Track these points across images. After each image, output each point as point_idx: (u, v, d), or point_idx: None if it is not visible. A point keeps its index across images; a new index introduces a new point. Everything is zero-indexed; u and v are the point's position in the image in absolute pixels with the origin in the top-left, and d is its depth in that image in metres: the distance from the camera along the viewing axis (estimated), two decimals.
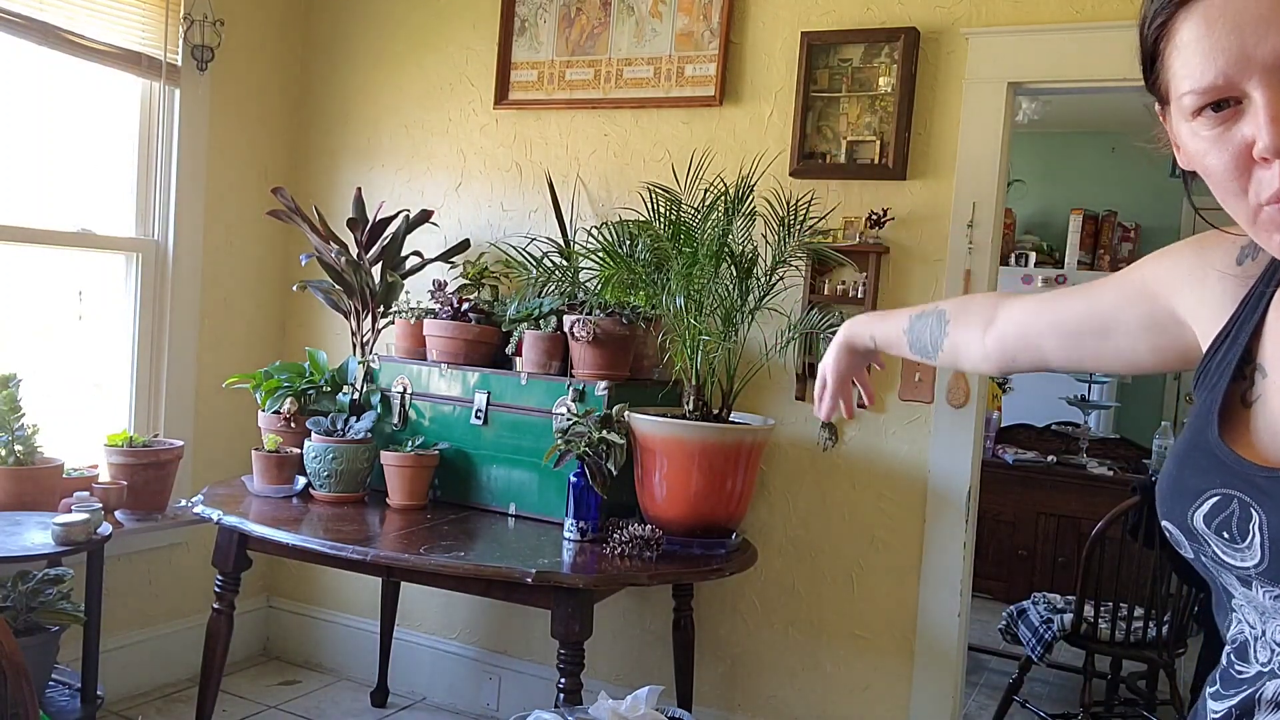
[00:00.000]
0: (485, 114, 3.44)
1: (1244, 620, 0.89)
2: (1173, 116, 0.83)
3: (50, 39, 2.94)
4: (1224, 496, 0.84)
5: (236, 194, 3.57)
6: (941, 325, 1.31)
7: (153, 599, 3.42)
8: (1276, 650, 0.85)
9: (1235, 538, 0.83)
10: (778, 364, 2.92)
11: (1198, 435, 0.89)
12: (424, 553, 2.43)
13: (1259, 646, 0.87)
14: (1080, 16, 2.66)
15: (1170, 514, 0.89)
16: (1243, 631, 0.89)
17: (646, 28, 3.17)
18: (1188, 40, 0.77)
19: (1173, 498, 0.89)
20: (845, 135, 2.90)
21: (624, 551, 2.48)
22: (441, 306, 3.04)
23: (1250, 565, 0.82)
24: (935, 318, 1.32)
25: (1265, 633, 0.86)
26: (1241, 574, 0.84)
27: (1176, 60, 0.79)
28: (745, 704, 3.11)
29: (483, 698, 3.44)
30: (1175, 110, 0.81)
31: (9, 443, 2.76)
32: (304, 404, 3.09)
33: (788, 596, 3.04)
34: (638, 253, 2.74)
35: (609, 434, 2.55)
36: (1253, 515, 0.81)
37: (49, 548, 2.47)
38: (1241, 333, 0.90)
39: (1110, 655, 3.41)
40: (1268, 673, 0.86)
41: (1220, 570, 0.87)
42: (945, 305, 1.32)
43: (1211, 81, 0.75)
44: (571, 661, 2.39)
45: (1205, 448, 0.87)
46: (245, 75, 3.56)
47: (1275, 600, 0.83)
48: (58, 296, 3.21)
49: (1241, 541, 0.82)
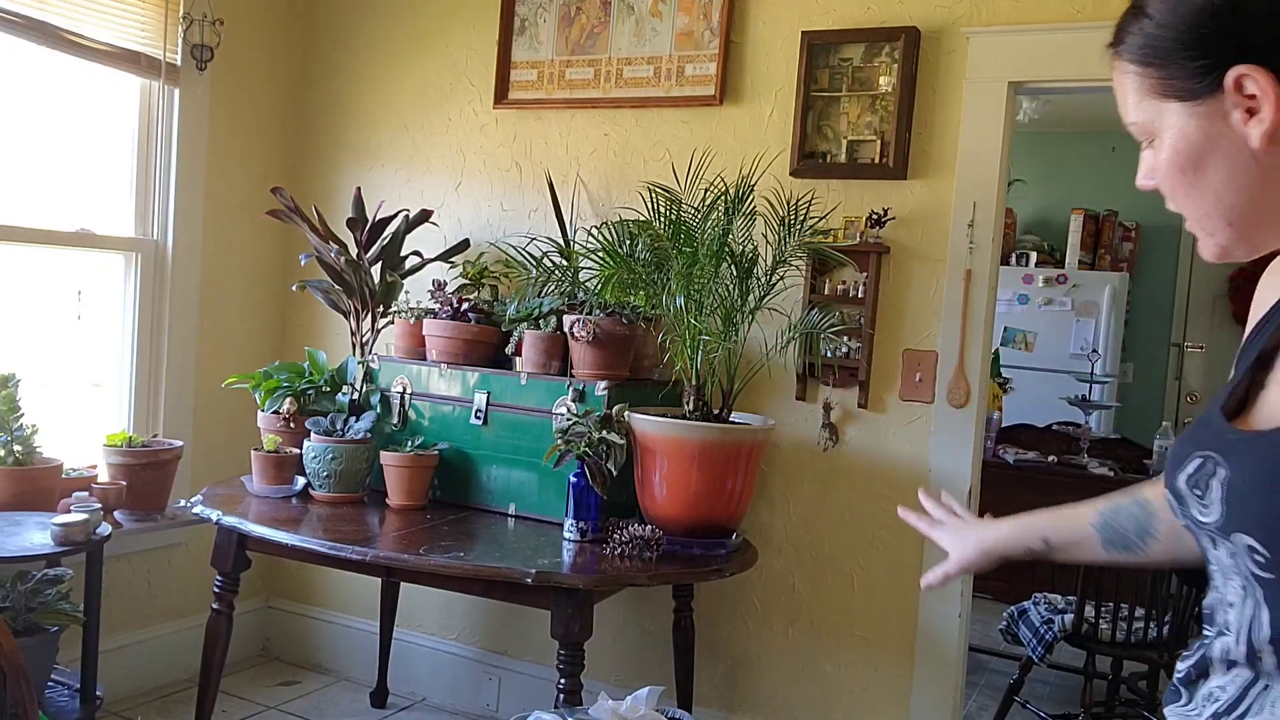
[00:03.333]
0: (485, 113, 3.44)
1: (1215, 586, 0.93)
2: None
3: (50, 39, 2.94)
4: (1203, 459, 0.89)
5: (236, 194, 3.57)
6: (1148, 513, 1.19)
7: (152, 599, 3.42)
8: (1229, 609, 0.90)
9: (1203, 494, 0.88)
10: (778, 364, 2.92)
11: (1209, 410, 0.93)
12: (424, 553, 2.42)
13: (1221, 609, 0.92)
14: (1080, 16, 2.66)
15: (1168, 480, 0.95)
16: (1213, 597, 0.93)
17: (646, 27, 3.16)
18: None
19: (1170, 465, 0.95)
20: (846, 135, 2.89)
21: (624, 552, 2.48)
22: (441, 306, 3.04)
23: (1212, 521, 0.87)
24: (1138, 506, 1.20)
25: (1225, 596, 0.91)
26: (1209, 533, 0.89)
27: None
28: (745, 704, 3.11)
29: (483, 698, 3.44)
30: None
31: (8, 443, 2.76)
32: (303, 404, 3.09)
33: (788, 597, 3.04)
34: (638, 253, 2.74)
35: (609, 434, 2.54)
36: (1218, 471, 0.87)
37: (48, 548, 2.46)
38: (1271, 323, 0.94)
39: (1111, 656, 3.41)
40: (1215, 632, 0.92)
41: (1199, 534, 0.92)
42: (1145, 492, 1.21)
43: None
44: (571, 662, 2.39)
45: (1207, 420, 0.93)
46: (245, 75, 3.56)
47: (1233, 558, 0.87)
48: (57, 296, 3.20)
49: (1206, 497, 0.88)
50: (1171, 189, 0.92)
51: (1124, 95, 0.94)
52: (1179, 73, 0.88)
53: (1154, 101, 0.91)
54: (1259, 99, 0.84)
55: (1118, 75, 0.95)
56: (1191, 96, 0.87)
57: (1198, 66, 0.86)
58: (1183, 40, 0.87)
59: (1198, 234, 0.94)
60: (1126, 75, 0.93)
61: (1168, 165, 0.91)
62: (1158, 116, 0.91)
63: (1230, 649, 0.89)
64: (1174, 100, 0.89)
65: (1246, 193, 0.88)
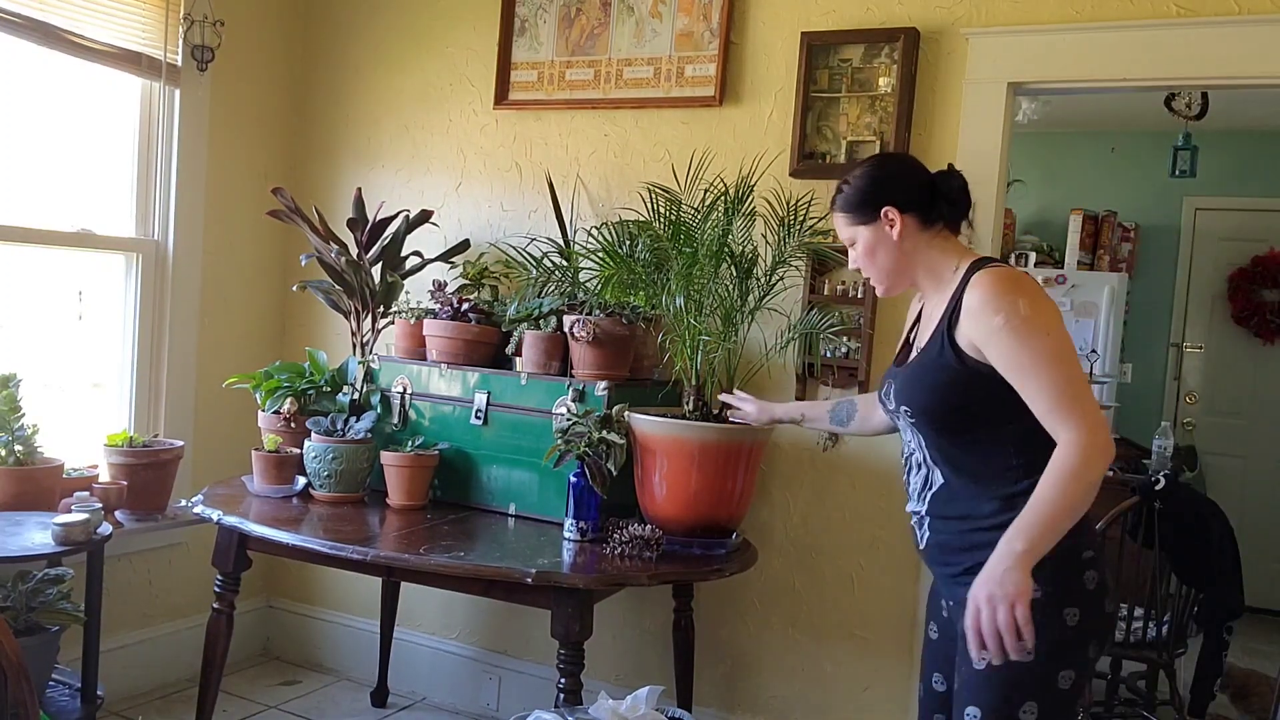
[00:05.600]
0: (485, 114, 3.44)
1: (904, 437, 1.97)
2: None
3: (50, 39, 2.94)
4: (888, 380, 1.97)
5: (236, 194, 3.57)
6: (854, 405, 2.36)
7: (153, 599, 3.42)
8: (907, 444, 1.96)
9: (888, 395, 1.96)
10: (778, 364, 2.92)
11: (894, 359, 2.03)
12: (424, 553, 2.43)
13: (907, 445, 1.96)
14: (1080, 16, 2.66)
15: (880, 396, 2.01)
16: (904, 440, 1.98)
17: (646, 28, 3.17)
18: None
19: (881, 388, 2.01)
20: (845, 135, 2.90)
21: (624, 551, 2.48)
22: (441, 306, 3.04)
23: (890, 407, 1.95)
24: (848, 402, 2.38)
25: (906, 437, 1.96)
26: (892, 414, 1.96)
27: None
28: (745, 704, 3.11)
29: (483, 698, 3.44)
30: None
31: (9, 443, 2.76)
32: (304, 404, 3.09)
33: (788, 596, 3.05)
34: (638, 253, 2.74)
35: (609, 434, 2.55)
36: (888, 384, 1.97)
37: (49, 548, 2.47)
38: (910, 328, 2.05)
39: (1110, 655, 3.41)
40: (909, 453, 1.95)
41: (893, 416, 1.97)
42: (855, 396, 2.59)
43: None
44: (571, 661, 2.39)
45: (893, 370, 1.99)
46: (245, 75, 3.56)
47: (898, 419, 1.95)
48: (57, 296, 3.21)
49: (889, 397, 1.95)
50: (864, 266, 1.95)
51: (839, 226, 1.97)
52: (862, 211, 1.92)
53: (851, 227, 1.94)
54: (893, 219, 1.88)
55: (836, 218, 1.97)
56: (868, 221, 1.91)
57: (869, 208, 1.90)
58: (862, 196, 1.92)
59: (875, 286, 1.98)
60: (839, 215, 1.95)
61: (861, 254, 1.95)
62: (854, 233, 1.93)
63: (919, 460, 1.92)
64: (860, 224, 1.92)
65: (893, 264, 1.92)
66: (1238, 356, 5.79)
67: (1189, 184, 5.50)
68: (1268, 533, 5.53)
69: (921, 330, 1.95)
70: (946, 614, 1.95)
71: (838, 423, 2.36)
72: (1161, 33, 2.59)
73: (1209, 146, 5.26)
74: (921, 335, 1.93)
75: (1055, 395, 1.68)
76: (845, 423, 2.35)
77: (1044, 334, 1.70)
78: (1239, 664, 3.71)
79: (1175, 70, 2.62)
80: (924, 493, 1.89)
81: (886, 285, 1.96)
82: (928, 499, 1.89)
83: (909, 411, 1.87)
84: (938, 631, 2.00)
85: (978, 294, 1.76)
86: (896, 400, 1.90)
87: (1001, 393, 1.73)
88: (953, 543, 1.85)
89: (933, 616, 2.02)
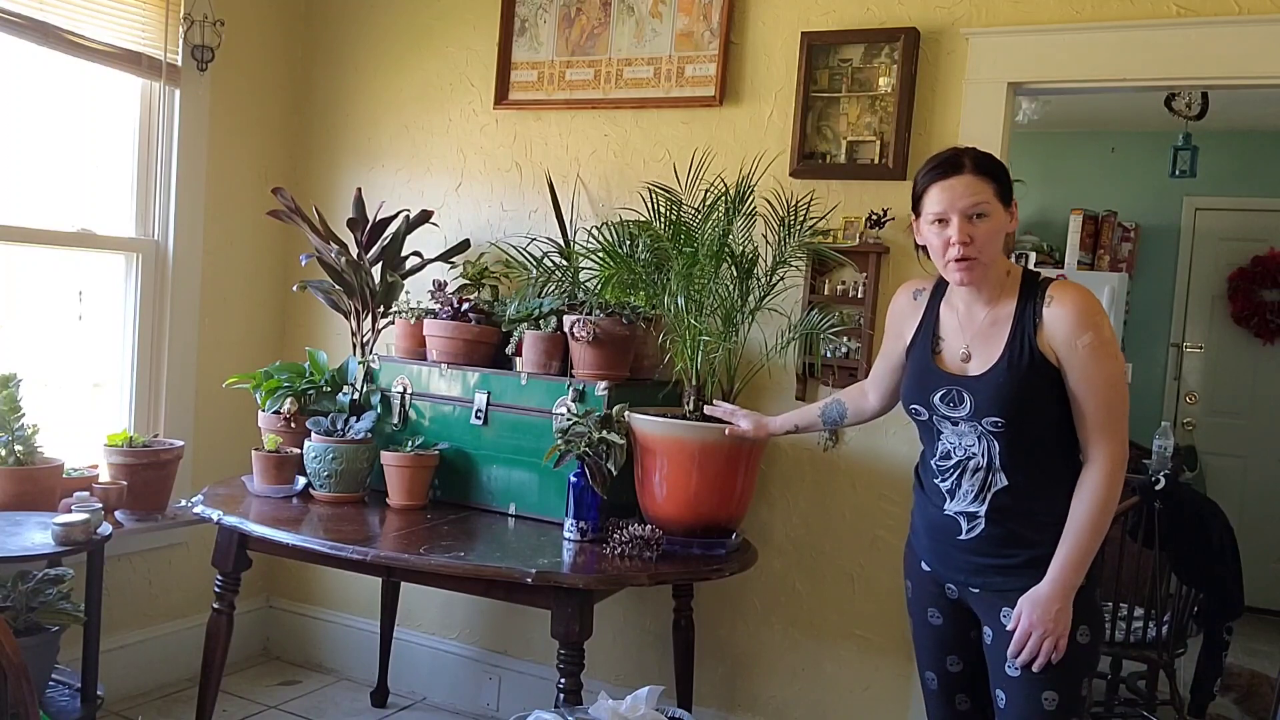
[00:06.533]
0: (485, 114, 3.44)
1: (947, 442, 1.98)
2: (922, 220, 1.96)
3: (50, 39, 2.94)
4: (948, 389, 1.96)
5: (236, 194, 3.57)
6: (843, 405, 2.38)
7: (153, 599, 3.42)
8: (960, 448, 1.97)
9: (955, 404, 1.94)
10: (778, 364, 2.92)
11: (924, 363, 2.02)
12: (424, 553, 2.43)
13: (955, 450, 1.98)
14: (1080, 16, 2.66)
15: (918, 398, 2.01)
16: (948, 445, 1.98)
17: (646, 28, 3.17)
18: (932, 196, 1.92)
19: (919, 389, 2.01)
20: (845, 135, 2.90)
21: (624, 551, 2.48)
22: (441, 306, 3.04)
23: (961, 415, 1.94)
24: (837, 403, 2.39)
25: (960, 442, 1.96)
26: (955, 419, 1.95)
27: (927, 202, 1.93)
28: (745, 704, 3.11)
29: (483, 698, 3.44)
30: (923, 219, 1.96)
31: (9, 443, 2.76)
32: (304, 404, 3.09)
33: (788, 596, 3.05)
34: (638, 253, 2.74)
35: (609, 434, 2.55)
36: (952, 390, 1.95)
37: (49, 548, 2.47)
38: (927, 325, 2.06)
39: (1110, 655, 3.41)
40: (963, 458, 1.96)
41: (941, 421, 1.98)
42: (840, 395, 2.41)
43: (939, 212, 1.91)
44: (571, 661, 2.39)
45: (930, 368, 2.00)
46: (245, 75, 3.56)
47: (966, 425, 1.93)
48: (58, 296, 3.20)
49: (960, 406, 1.94)
50: (976, 241, 1.89)
51: (970, 189, 1.90)
52: (1006, 192, 1.94)
53: (991, 198, 1.90)
54: (1015, 215, 1.97)
55: (972, 181, 1.90)
56: (1006, 203, 1.94)
57: (1010, 192, 1.95)
58: (1008, 178, 1.97)
59: (960, 270, 1.92)
60: (981, 178, 1.91)
61: (982, 231, 1.89)
62: (991, 205, 1.90)
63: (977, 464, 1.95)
64: (999, 200, 1.92)
65: (996, 253, 1.93)
66: (1238, 356, 5.78)
67: (1189, 184, 5.50)
68: (1268, 533, 5.52)
69: (970, 336, 1.97)
70: (957, 596, 2.03)
71: (830, 423, 2.42)
72: (1161, 33, 2.59)
73: (1209, 146, 5.26)
74: (980, 342, 1.95)
75: (1107, 414, 1.88)
76: (839, 422, 2.41)
77: (1115, 358, 1.89)
78: (1239, 664, 3.71)
79: (1175, 70, 2.62)
80: (983, 494, 1.94)
81: (977, 273, 1.91)
82: (988, 499, 1.94)
83: (1000, 422, 1.89)
84: (940, 617, 2.07)
85: (1068, 311, 1.87)
86: (983, 411, 1.90)
87: (1065, 398, 1.90)
88: (1016, 536, 1.93)
89: (932, 604, 2.08)
